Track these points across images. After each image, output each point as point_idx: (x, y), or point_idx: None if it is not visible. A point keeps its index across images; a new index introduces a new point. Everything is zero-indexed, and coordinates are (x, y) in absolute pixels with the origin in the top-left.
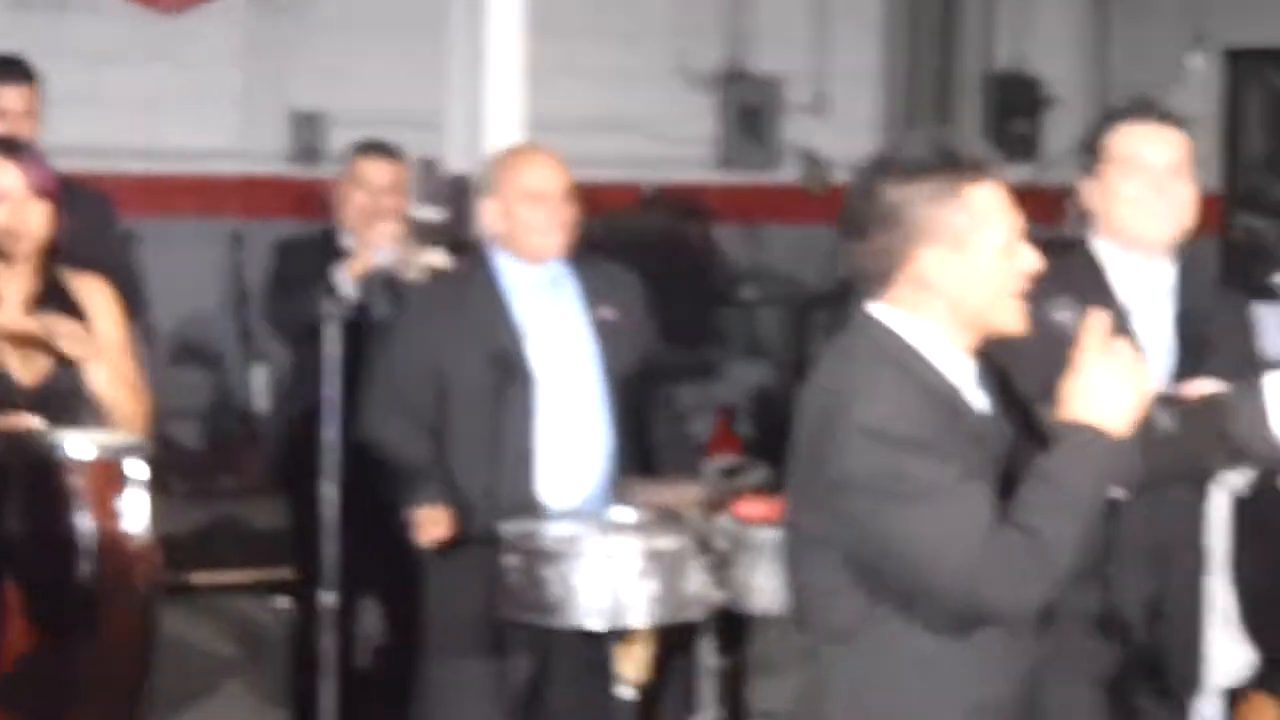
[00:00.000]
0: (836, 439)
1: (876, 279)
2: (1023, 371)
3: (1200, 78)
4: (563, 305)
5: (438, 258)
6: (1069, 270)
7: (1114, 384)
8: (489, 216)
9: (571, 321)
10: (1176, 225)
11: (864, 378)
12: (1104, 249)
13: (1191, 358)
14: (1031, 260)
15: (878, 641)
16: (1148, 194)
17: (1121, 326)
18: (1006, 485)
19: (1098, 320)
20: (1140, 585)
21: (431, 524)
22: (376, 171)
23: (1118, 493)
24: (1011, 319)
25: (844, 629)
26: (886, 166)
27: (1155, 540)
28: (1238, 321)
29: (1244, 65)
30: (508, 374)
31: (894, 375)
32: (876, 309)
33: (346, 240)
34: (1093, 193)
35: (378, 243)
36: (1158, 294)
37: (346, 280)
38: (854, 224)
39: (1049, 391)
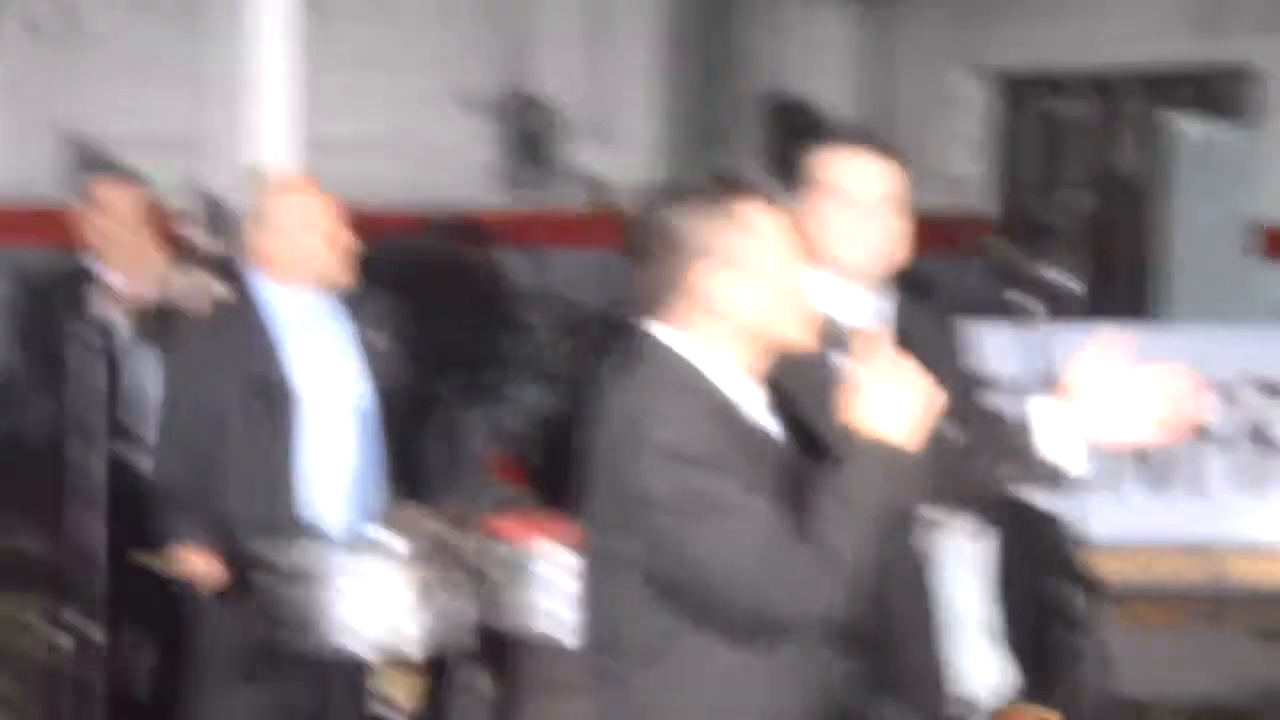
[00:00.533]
0: (635, 460)
1: (660, 301)
2: (807, 391)
3: (975, 102)
4: (328, 331)
5: (213, 285)
6: None
7: (897, 397)
8: (266, 245)
9: (341, 348)
10: (882, 256)
11: (655, 400)
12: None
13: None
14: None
15: (680, 660)
16: (855, 225)
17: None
18: (793, 506)
19: (880, 337)
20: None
21: (199, 566)
22: (120, 198)
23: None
24: (796, 333)
25: (647, 649)
26: (667, 193)
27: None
28: (947, 343)
29: (1018, 90)
30: (274, 400)
31: (681, 397)
32: (660, 331)
33: (95, 267)
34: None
35: (146, 278)
36: (869, 322)
37: (108, 309)
38: (637, 249)
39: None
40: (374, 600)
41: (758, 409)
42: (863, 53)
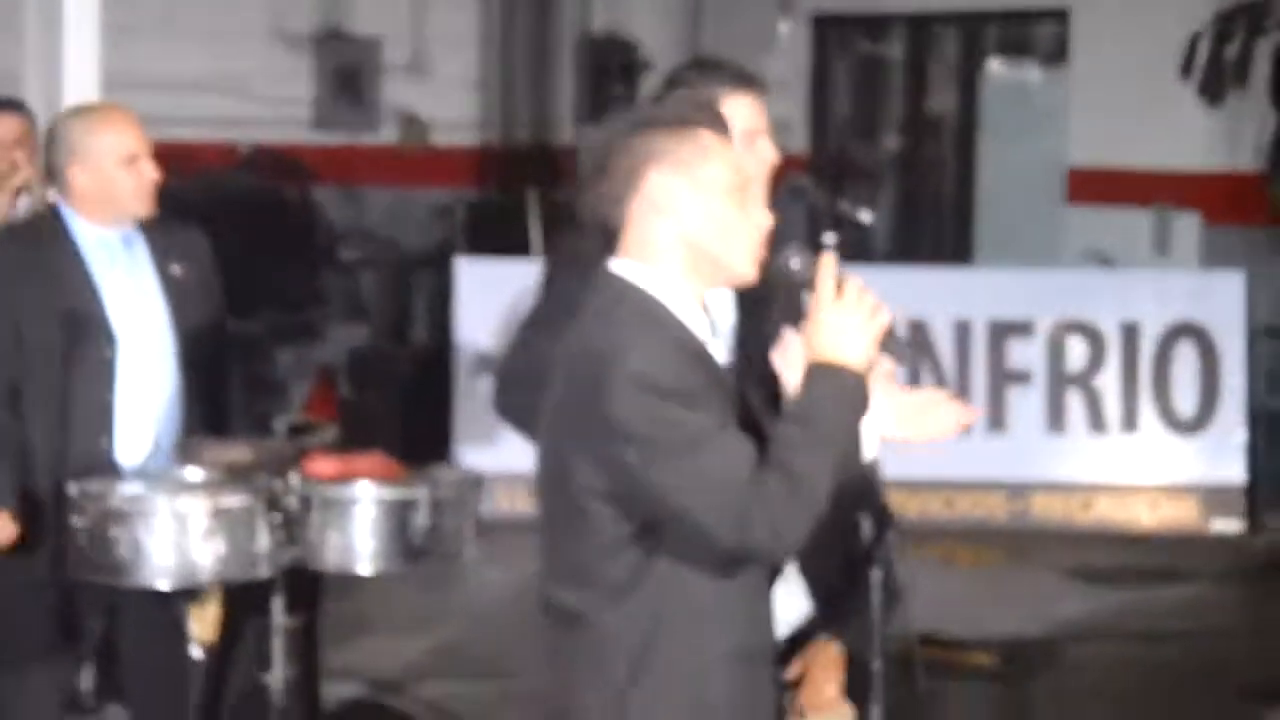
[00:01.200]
0: (608, 393)
1: (614, 219)
2: (760, 319)
3: (788, 43)
4: (135, 265)
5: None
6: None
7: (851, 322)
8: (75, 178)
9: (144, 281)
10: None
11: (624, 333)
12: None
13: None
14: (765, 218)
15: (649, 594)
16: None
17: None
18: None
19: (829, 264)
20: None
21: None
22: (3, 127)
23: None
24: (745, 264)
25: (616, 585)
26: (626, 118)
27: None
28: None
29: (830, 31)
30: (84, 333)
31: (650, 330)
32: (618, 265)
33: None
34: None
35: (5, 197)
36: None
37: None
38: (592, 164)
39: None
40: (171, 533)
41: (713, 341)
42: None
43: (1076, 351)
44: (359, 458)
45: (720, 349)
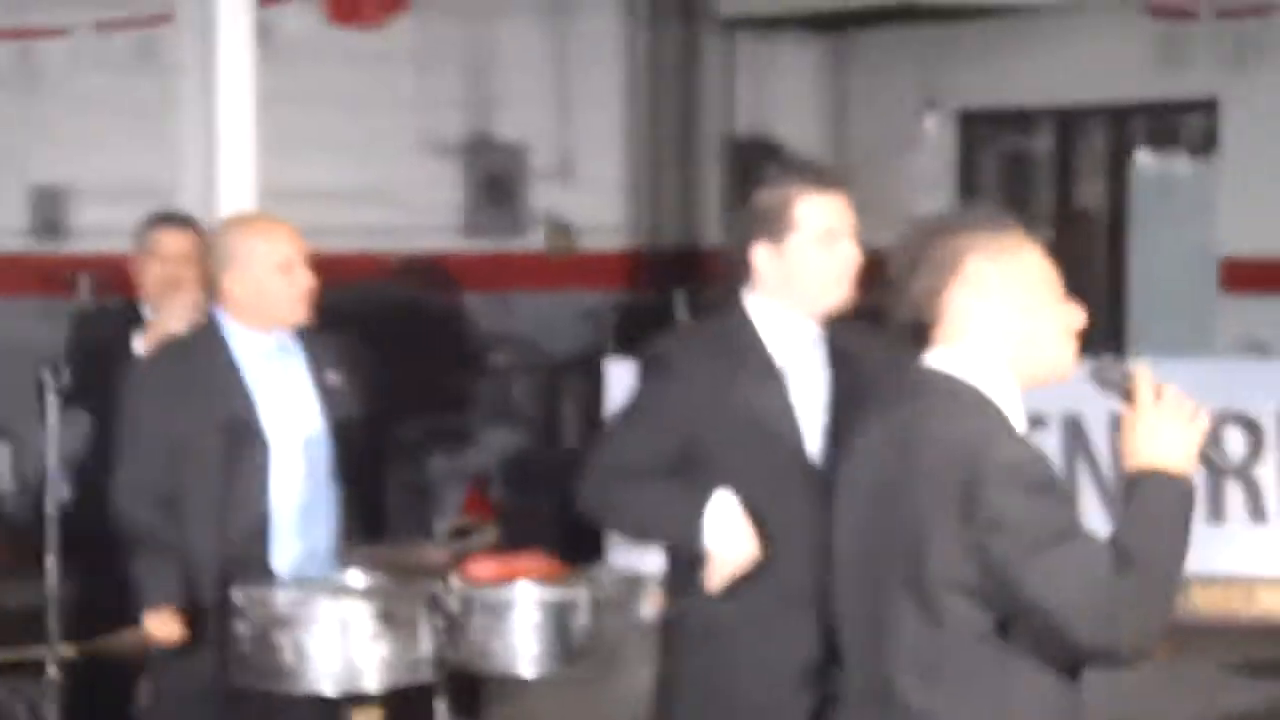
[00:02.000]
0: (982, 482)
1: (928, 309)
2: None
3: (935, 139)
4: (291, 372)
5: None
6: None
7: (1174, 427)
8: (230, 286)
9: (300, 387)
10: (842, 290)
11: (977, 427)
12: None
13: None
14: (1079, 316)
15: (1003, 690)
16: (818, 259)
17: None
18: None
19: (1145, 372)
20: None
21: (161, 626)
22: (171, 242)
23: None
24: (1063, 358)
25: (970, 679)
26: (935, 221)
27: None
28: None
29: (977, 126)
30: (241, 440)
31: (998, 422)
32: (936, 358)
33: (147, 312)
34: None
35: (177, 312)
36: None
37: (142, 348)
38: (905, 260)
39: None
40: (335, 638)
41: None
42: (824, 90)
43: (1235, 442)
44: (519, 559)
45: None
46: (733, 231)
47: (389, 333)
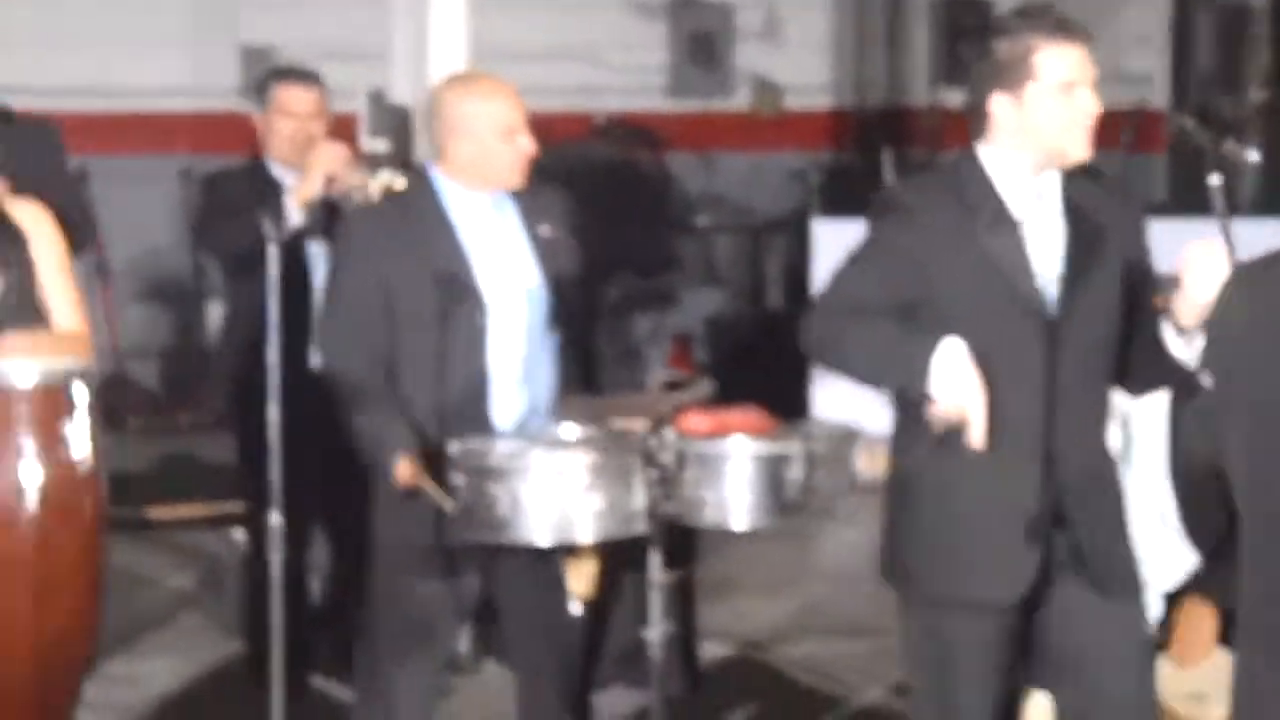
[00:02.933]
0: None
1: None
2: None
3: None
4: (505, 227)
5: (396, 180)
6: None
7: None
8: (451, 146)
9: (515, 242)
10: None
11: None
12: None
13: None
14: None
15: None
16: (1060, 111)
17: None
18: None
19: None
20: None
21: (406, 472)
22: (297, 97)
23: None
24: None
25: None
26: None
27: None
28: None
29: None
30: (456, 296)
31: None
32: None
33: (275, 171)
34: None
35: (327, 165)
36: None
37: (292, 207)
38: None
39: None
40: (550, 489)
41: None
42: None
43: None
44: (733, 412)
45: None
46: (970, 81)
47: (593, 193)
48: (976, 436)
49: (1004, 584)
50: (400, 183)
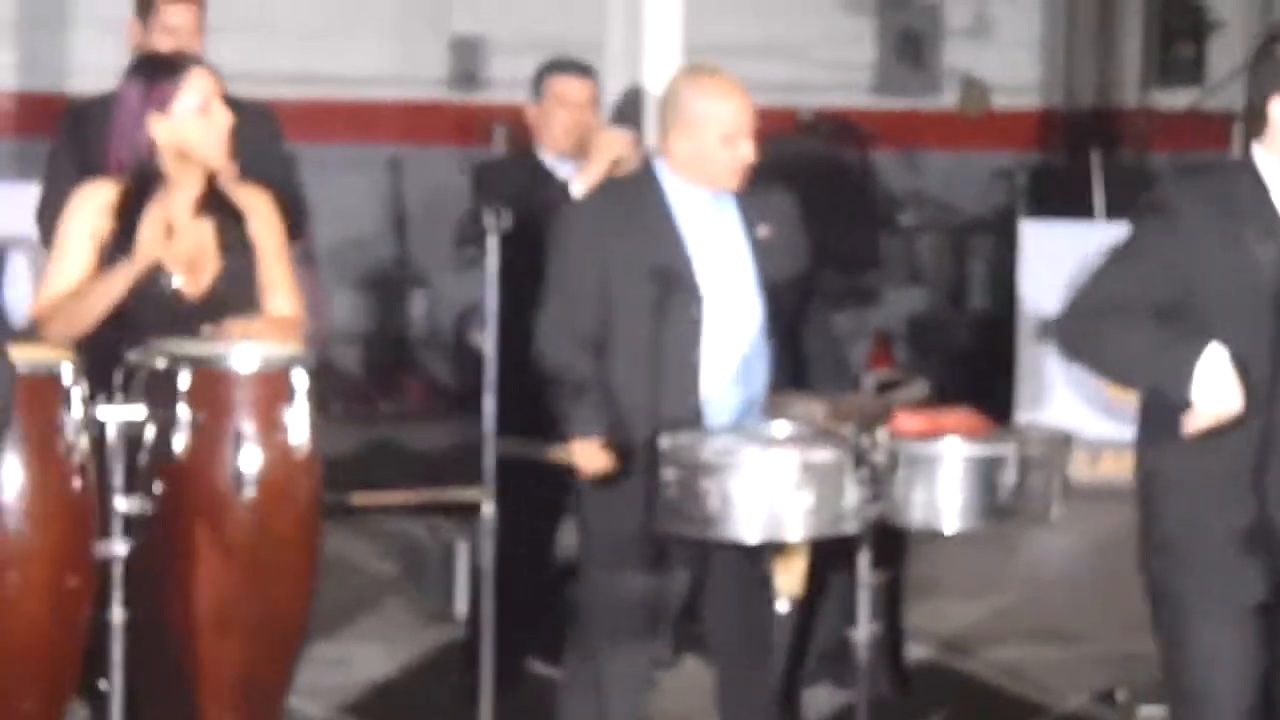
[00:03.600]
0: None
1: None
2: None
3: None
4: (724, 224)
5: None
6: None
7: None
8: (674, 143)
9: (733, 240)
10: None
11: None
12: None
13: None
14: None
15: None
16: None
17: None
18: None
19: None
20: None
21: (588, 457)
22: (575, 89)
23: None
24: None
25: None
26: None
27: None
28: None
29: None
30: (674, 289)
31: None
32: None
33: (548, 161)
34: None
35: (613, 151)
36: None
37: (579, 194)
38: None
39: None
40: (760, 486)
41: None
42: None
43: None
44: (947, 413)
45: None
46: (1250, 82)
47: (798, 189)
48: (1233, 442)
49: (1244, 585)
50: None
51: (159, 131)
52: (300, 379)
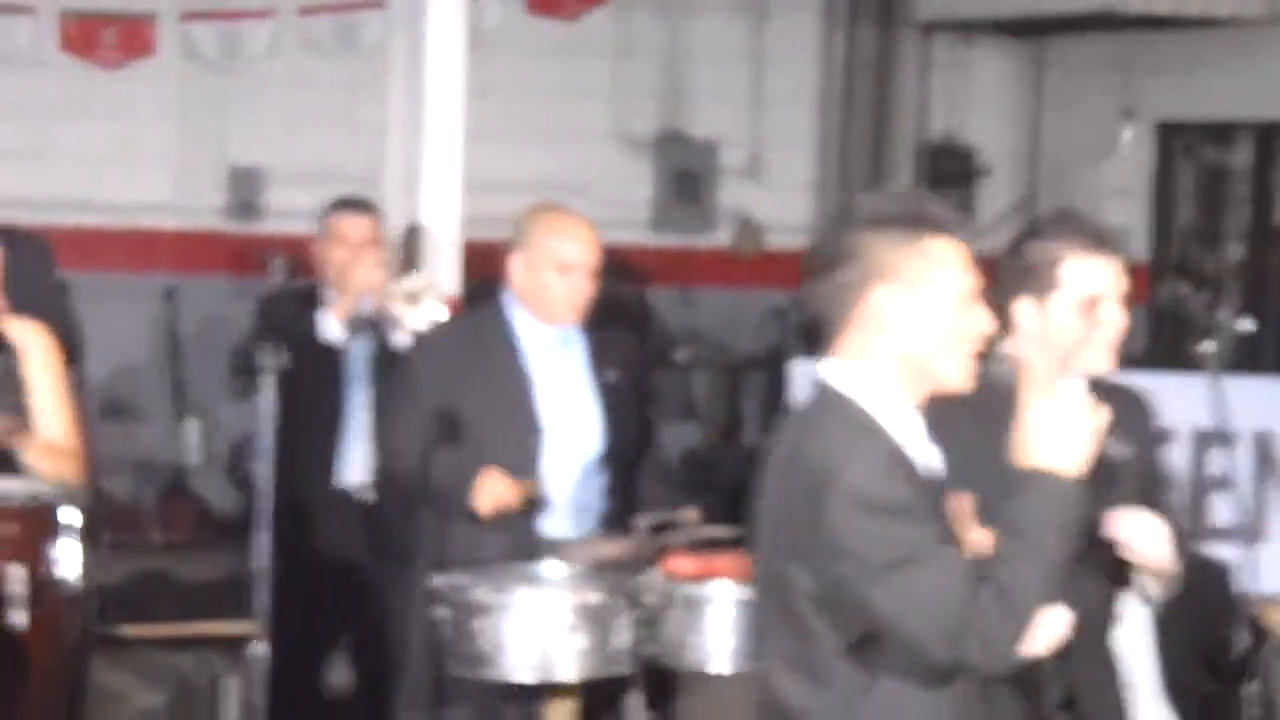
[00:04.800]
0: (825, 509)
1: (833, 320)
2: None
3: (1131, 149)
4: (571, 365)
5: (437, 310)
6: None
7: (1064, 426)
8: (515, 271)
9: (578, 381)
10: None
11: (839, 445)
12: None
13: None
14: (985, 322)
15: (872, 705)
16: (1074, 328)
17: None
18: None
19: (1044, 360)
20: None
21: (492, 490)
22: (353, 226)
23: None
24: (958, 374)
25: (841, 692)
26: (855, 213)
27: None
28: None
29: (1175, 137)
30: (515, 422)
31: (864, 441)
32: (828, 370)
33: (330, 295)
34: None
35: (363, 289)
36: None
37: (330, 322)
38: (818, 263)
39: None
40: (532, 627)
41: (924, 447)
42: (1020, 97)
43: None
44: (719, 557)
45: (931, 456)
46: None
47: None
48: None
49: None
50: (440, 313)
51: None
52: (70, 515)
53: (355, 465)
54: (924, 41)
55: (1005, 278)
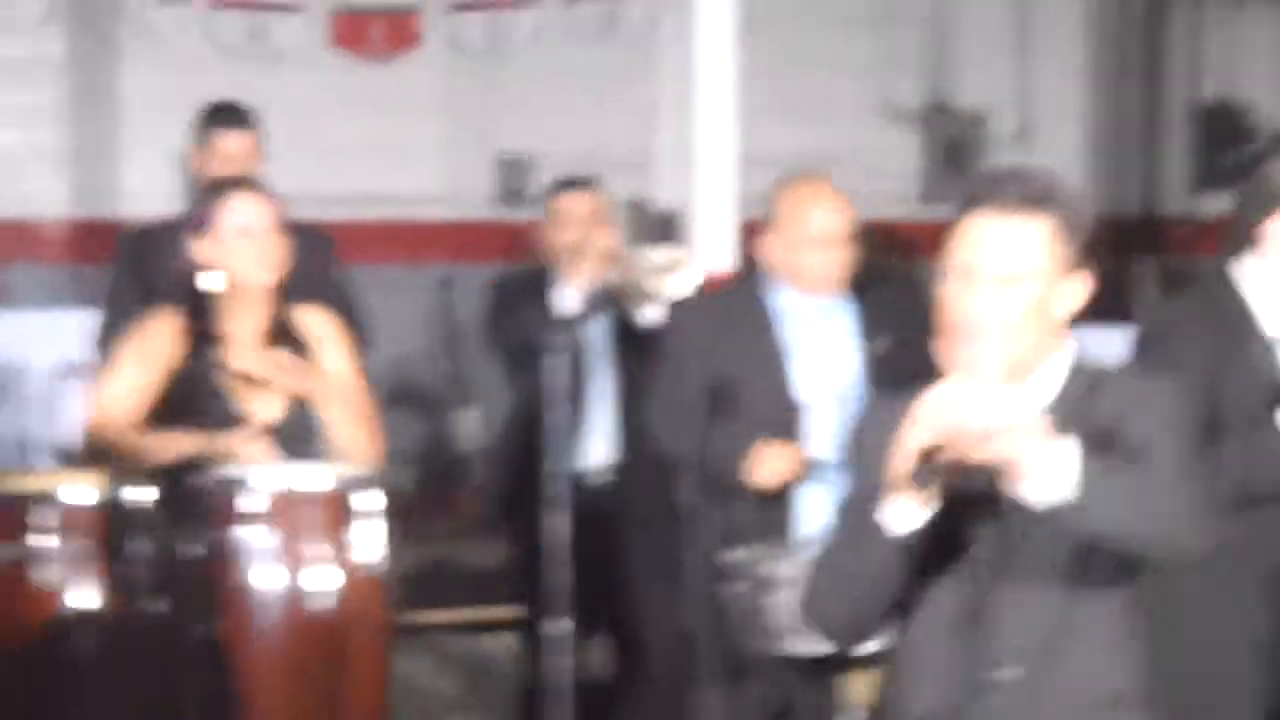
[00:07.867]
0: None
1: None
2: None
3: None
4: (832, 335)
5: (690, 282)
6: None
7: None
8: (768, 245)
9: (839, 353)
10: None
11: None
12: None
13: None
14: None
15: None
16: None
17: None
18: None
19: None
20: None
21: (773, 462)
22: (577, 205)
23: None
24: None
25: None
26: None
27: None
28: None
29: None
30: (771, 396)
31: None
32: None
33: (561, 276)
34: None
35: (600, 264)
36: None
37: (567, 296)
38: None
39: None
40: None
41: None
42: None
43: None
44: None
45: None
46: (1243, 201)
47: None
48: None
49: None
50: (685, 286)
51: (200, 253)
52: (370, 499)
53: (599, 444)
54: (1194, 2)
55: (1251, 198)
